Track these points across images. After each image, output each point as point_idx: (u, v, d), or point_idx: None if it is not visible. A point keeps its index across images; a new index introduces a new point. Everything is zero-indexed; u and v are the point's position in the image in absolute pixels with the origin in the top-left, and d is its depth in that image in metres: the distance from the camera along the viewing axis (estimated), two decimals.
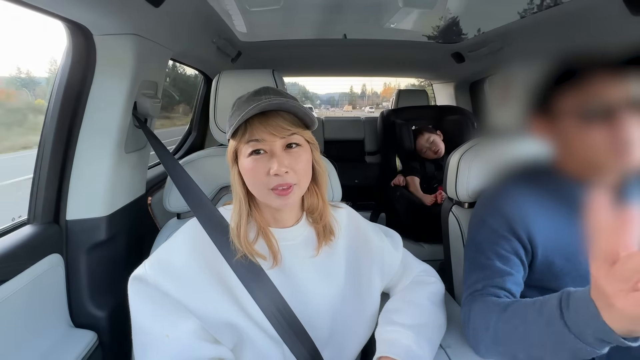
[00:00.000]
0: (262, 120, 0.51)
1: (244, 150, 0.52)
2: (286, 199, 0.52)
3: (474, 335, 0.59)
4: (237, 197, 0.56)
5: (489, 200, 0.68)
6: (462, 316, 0.63)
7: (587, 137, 0.55)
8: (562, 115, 0.58)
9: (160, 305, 0.49)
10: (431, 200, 1.64)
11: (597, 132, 0.54)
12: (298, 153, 0.53)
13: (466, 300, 0.63)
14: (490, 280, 0.61)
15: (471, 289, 0.63)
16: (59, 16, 0.68)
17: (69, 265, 0.81)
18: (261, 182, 0.52)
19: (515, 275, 0.61)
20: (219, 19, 1.24)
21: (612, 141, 0.53)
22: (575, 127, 0.56)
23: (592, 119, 0.54)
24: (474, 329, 0.59)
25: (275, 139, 0.51)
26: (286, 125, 0.51)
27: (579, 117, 0.55)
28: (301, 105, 0.52)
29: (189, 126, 1.91)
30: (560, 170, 0.63)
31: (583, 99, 0.55)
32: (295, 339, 0.54)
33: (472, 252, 0.67)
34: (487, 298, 0.59)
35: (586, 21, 1.02)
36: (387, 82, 11.14)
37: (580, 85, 0.55)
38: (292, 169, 0.52)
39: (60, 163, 0.79)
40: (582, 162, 0.59)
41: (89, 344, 0.77)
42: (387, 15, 1.40)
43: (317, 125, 0.58)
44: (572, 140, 0.58)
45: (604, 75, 0.53)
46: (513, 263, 0.62)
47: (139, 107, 0.88)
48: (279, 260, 0.56)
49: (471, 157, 0.83)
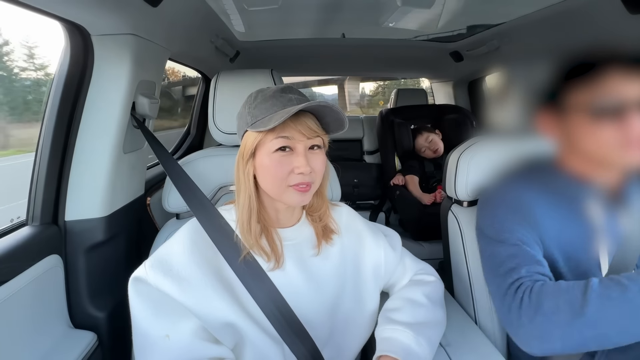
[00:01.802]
0: (293, 118, 0.51)
1: (269, 145, 0.52)
2: (304, 195, 0.54)
3: (546, 321, 0.52)
4: (246, 193, 0.55)
5: (494, 198, 0.68)
6: (506, 306, 0.57)
7: (597, 133, 0.55)
8: (572, 110, 0.58)
9: (161, 305, 0.49)
10: (430, 200, 1.64)
11: (607, 128, 0.54)
12: (318, 155, 0.55)
13: (510, 287, 0.57)
14: (530, 266, 0.57)
15: (512, 276, 0.57)
16: (56, 16, 0.68)
17: (68, 266, 0.81)
18: (283, 178, 0.53)
19: (544, 261, 0.59)
20: (217, 19, 1.23)
21: (622, 138, 0.53)
22: (585, 122, 0.56)
23: (603, 115, 0.54)
24: (546, 314, 0.52)
25: (303, 138, 0.52)
26: (314, 127, 0.53)
27: (590, 112, 0.55)
28: (341, 111, 0.53)
29: (187, 126, 1.90)
30: (563, 168, 0.63)
31: (595, 95, 0.54)
32: (295, 338, 0.54)
33: (494, 243, 0.62)
34: (552, 282, 0.54)
35: (584, 20, 1.02)
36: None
37: (593, 81, 0.55)
38: (313, 169, 0.53)
39: (59, 163, 0.79)
40: (588, 158, 0.59)
41: (89, 345, 0.77)
42: (385, 14, 1.40)
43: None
44: (580, 135, 0.57)
45: (618, 71, 0.53)
46: (538, 249, 0.59)
47: (137, 107, 0.88)
48: (280, 262, 0.56)
49: (470, 156, 0.83)
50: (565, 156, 0.63)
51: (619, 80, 0.53)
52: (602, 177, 0.60)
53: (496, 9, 1.26)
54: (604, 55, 0.56)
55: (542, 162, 0.67)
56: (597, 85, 0.54)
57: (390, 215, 2.08)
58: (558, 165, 0.64)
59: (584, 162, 0.61)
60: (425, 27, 1.54)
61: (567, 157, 0.63)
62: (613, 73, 0.54)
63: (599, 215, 0.61)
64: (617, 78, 0.53)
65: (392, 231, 0.74)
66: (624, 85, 0.53)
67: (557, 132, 0.62)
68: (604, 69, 0.54)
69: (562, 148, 0.64)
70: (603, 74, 0.54)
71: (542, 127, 0.63)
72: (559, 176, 0.64)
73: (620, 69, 0.53)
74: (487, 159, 0.82)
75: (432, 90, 2.65)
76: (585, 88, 0.56)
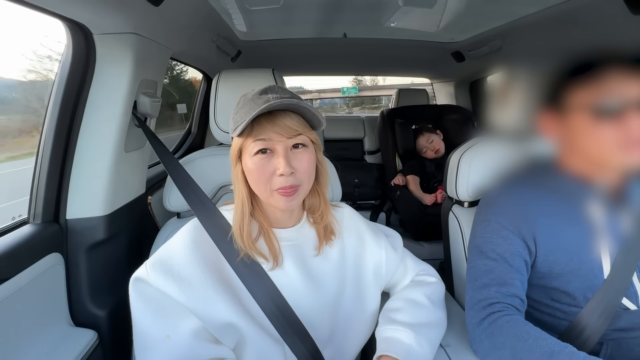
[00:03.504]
0: (269, 119, 0.50)
1: (249, 148, 0.52)
2: (291, 199, 0.52)
3: (491, 351, 0.56)
4: (239, 196, 0.55)
5: (493, 200, 0.68)
6: (472, 321, 0.60)
7: (597, 133, 0.55)
8: (573, 111, 0.58)
9: (162, 305, 0.49)
10: (431, 200, 1.64)
11: (607, 128, 0.54)
12: (303, 154, 0.53)
13: (478, 306, 0.60)
14: (501, 286, 0.60)
15: (483, 294, 0.61)
16: (58, 15, 0.68)
17: (69, 265, 0.81)
18: (266, 182, 0.52)
19: (520, 278, 0.61)
20: (219, 18, 1.23)
21: (622, 138, 0.53)
22: (585, 123, 0.56)
23: (603, 115, 0.54)
24: (494, 346, 0.56)
25: (282, 138, 0.51)
26: (293, 126, 0.51)
27: (590, 113, 0.55)
28: (311, 106, 0.52)
29: (188, 125, 1.91)
30: (564, 169, 0.63)
31: (596, 95, 0.54)
32: (295, 339, 0.54)
33: (477, 253, 0.66)
34: (512, 318, 0.57)
35: (586, 20, 1.02)
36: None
37: (594, 81, 0.55)
38: (297, 170, 0.52)
39: (60, 162, 0.79)
40: (589, 158, 0.59)
41: (89, 343, 0.77)
42: (387, 14, 1.39)
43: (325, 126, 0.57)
44: (581, 136, 0.57)
45: (618, 72, 0.53)
46: (519, 265, 0.61)
47: (138, 106, 0.88)
48: (279, 262, 0.56)
49: (471, 157, 0.83)
50: (567, 157, 0.63)
51: (618, 81, 0.53)
52: (603, 177, 0.60)
53: (498, 9, 1.25)
54: (603, 55, 0.56)
55: (544, 163, 0.67)
56: (597, 86, 0.54)
57: (391, 216, 2.08)
58: (559, 166, 0.64)
59: (585, 163, 0.60)
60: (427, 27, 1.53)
61: (568, 157, 0.63)
62: (613, 73, 0.54)
63: (601, 216, 0.61)
64: (617, 78, 0.53)
65: (394, 232, 0.74)
66: (624, 85, 0.53)
67: (558, 132, 0.61)
68: (604, 70, 0.54)
69: (563, 149, 0.64)
70: (603, 75, 0.54)
71: (543, 127, 0.63)
72: (560, 177, 0.63)
73: (620, 69, 0.53)
74: (488, 159, 0.82)
75: (434, 90, 2.65)
76: (585, 88, 0.56)
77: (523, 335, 0.53)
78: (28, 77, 1.53)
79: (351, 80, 20.11)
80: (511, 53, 1.46)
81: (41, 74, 1.32)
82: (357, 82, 20.69)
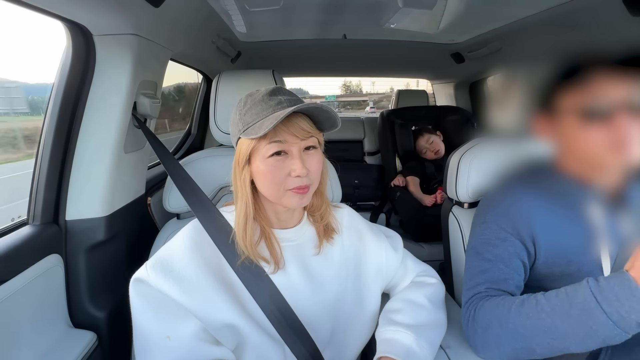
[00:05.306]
0: (285, 122, 0.50)
1: (263, 150, 0.51)
2: (303, 197, 0.53)
3: (484, 334, 0.58)
4: (242, 199, 0.54)
5: (492, 201, 0.68)
6: (465, 317, 0.62)
7: (587, 136, 0.55)
8: (564, 113, 0.58)
9: (162, 307, 0.49)
10: (431, 201, 1.64)
11: (596, 130, 0.54)
12: (314, 155, 0.54)
13: (469, 302, 0.62)
14: (492, 283, 0.61)
15: (473, 291, 0.63)
16: (58, 16, 0.68)
17: (68, 266, 0.81)
18: (280, 183, 0.52)
19: (516, 279, 0.61)
20: (219, 19, 1.24)
21: (611, 140, 0.53)
22: (575, 125, 0.57)
23: (591, 118, 0.54)
24: (484, 327, 0.58)
25: (297, 140, 0.51)
26: (307, 128, 0.52)
27: (579, 115, 0.56)
28: (331, 109, 0.52)
29: (188, 127, 1.91)
30: (562, 171, 0.63)
31: (584, 98, 0.55)
32: (296, 340, 0.54)
33: (474, 255, 0.66)
34: (494, 298, 0.59)
35: (585, 21, 1.02)
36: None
37: (582, 84, 0.55)
38: (310, 171, 0.53)
39: (60, 163, 0.79)
40: (583, 161, 0.60)
41: (89, 345, 0.77)
42: (386, 15, 1.39)
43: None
44: (572, 138, 0.58)
45: (605, 74, 0.54)
46: (515, 266, 0.62)
47: (138, 107, 0.88)
48: (281, 266, 0.56)
49: (471, 158, 0.83)
50: (563, 159, 0.64)
51: (605, 83, 0.54)
52: (600, 178, 0.60)
53: (498, 10, 1.25)
54: (589, 58, 0.56)
55: (543, 165, 0.67)
56: (584, 89, 0.55)
57: (390, 217, 2.08)
58: (558, 168, 0.64)
59: (580, 165, 0.61)
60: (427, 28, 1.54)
61: (564, 159, 0.63)
62: (599, 76, 0.54)
63: (601, 217, 0.61)
64: (602, 81, 0.54)
65: (394, 232, 0.74)
66: (609, 88, 0.53)
67: (552, 135, 0.62)
68: (590, 73, 0.55)
69: (559, 151, 0.64)
70: (589, 78, 0.54)
71: (539, 130, 0.63)
72: (559, 179, 0.63)
73: (606, 71, 0.54)
74: (488, 160, 0.82)
75: (433, 91, 2.65)
76: (573, 92, 0.56)
77: (505, 304, 0.56)
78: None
79: (340, 86, 25.80)
80: (511, 55, 1.46)
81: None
82: (345, 89, 28.74)
